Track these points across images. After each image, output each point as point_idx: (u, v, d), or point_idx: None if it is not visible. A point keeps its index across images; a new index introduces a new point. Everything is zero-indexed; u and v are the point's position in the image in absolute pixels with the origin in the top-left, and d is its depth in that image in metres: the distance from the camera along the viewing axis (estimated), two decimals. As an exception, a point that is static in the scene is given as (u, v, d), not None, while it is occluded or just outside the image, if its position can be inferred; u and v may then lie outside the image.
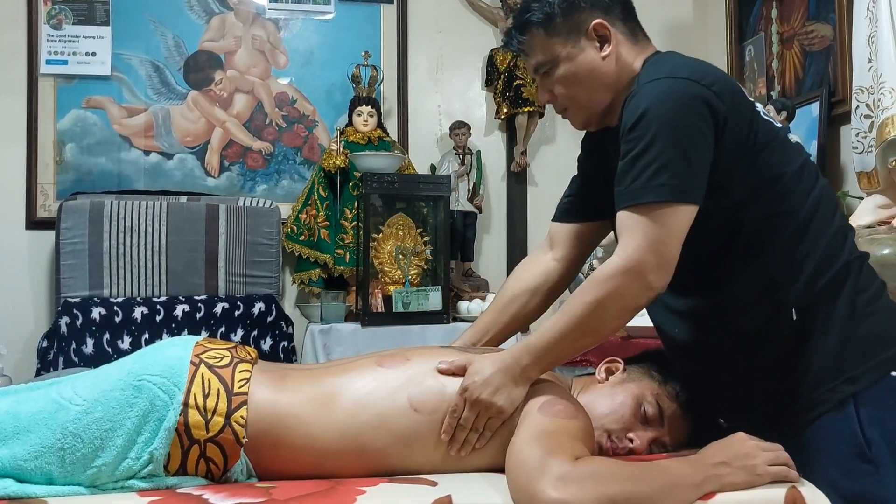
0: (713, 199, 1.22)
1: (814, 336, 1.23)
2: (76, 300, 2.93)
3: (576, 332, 1.23)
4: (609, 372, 1.46)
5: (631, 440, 1.33)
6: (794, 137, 1.40)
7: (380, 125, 3.47)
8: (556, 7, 1.33)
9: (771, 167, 1.25)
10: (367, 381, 1.29)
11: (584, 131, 1.49)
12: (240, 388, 1.24)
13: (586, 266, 3.35)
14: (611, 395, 1.38)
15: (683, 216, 1.18)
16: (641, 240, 1.17)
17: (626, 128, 1.22)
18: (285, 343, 3.16)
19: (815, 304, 1.24)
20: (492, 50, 3.69)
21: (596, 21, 1.33)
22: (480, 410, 1.23)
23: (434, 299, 3.09)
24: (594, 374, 1.48)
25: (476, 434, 1.23)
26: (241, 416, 1.21)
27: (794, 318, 1.22)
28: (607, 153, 1.41)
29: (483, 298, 3.23)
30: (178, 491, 1.17)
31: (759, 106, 1.32)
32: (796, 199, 1.26)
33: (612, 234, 3.36)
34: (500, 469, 1.22)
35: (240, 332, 3.06)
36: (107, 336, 2.89)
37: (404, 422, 1.23)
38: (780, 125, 1.35)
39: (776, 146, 1.27)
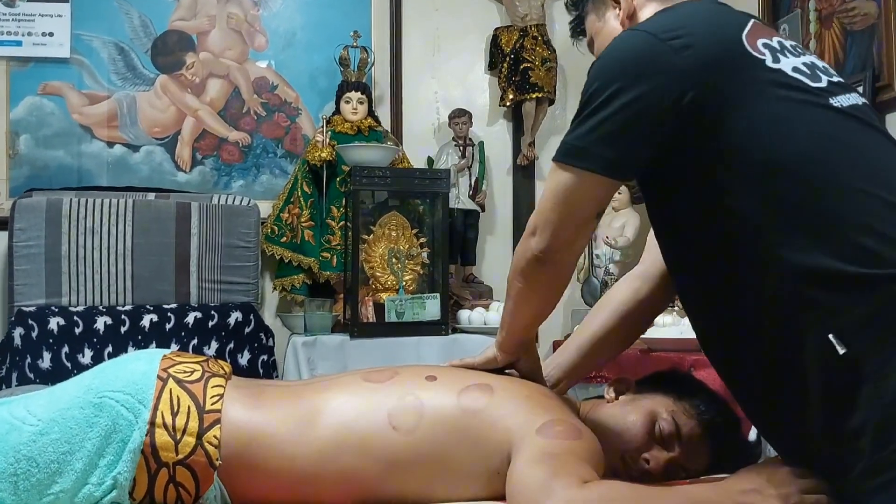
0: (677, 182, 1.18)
1: (870, 379, 1.04)
2: (31, 309, 2.94)
3: (507, 296, 1.37)
4: (618, 391, 1.47)
5: (646, 461, 1.34)
6: (850, 100, 1.19)
7: (370, 113, 3.47)
8: None
9: (770, 149, 1.12)
10: (350, 397, 1.31)
11: None
12: (212, 405, 1.24)
13: (601, 271, 3.36)
14: (621, 414, 1.39)
15: (570, 181, 1.19)
16: (540, 199, 1.26)
17: None
18: (265, 357, 3.16)
19: (871, 340, 1.04)
20: (495, 29, 3.70)
21: None
22: None
23: (431, 308, 3.09)
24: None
25: None
26: (214, 436, 1.22)
27: (841, 350, 1.04)
28: None
29: (486, 307, 3.24)
30: (145, 520, 1.18)
31: (788, 64, 1.18)
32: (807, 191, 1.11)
33: (627, 234, 3.31)
34: (498, 498, 1.22)
35: (214, 345, 3.06)
36: (66, 349, 2.89)
37: (384, 442, 1.25)
38: (822, 86, 1.18)
39: (796, 121, 1.13)
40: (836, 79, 1.21)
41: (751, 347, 1.14)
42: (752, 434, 1.51)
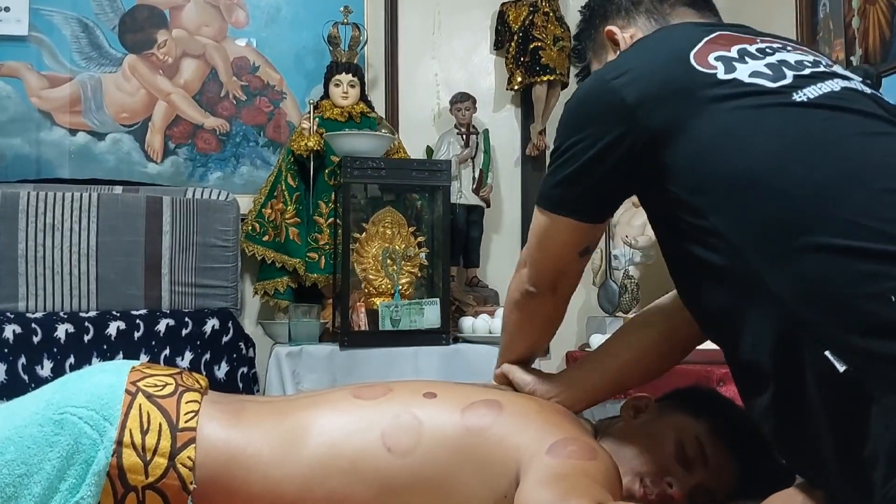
0: (661, 205, 1.26)
1: (875, 396, 1.01)
2: (-16, 316, 2.95)
3: (503, 328, 1.59)
4: (637, 409, 1.48)
5: (669, 484, 1.34)
6: (822, 89, 1.20)
7: (363, 98, 3.48)
8: (583, 38, 1.59)
9: (728, 164, 1.16)
10: (339, 415, 1.31)
11: None
12: (186, 422, 1.25)
13: (620, 274, 3.37)
14: (641, 433, 1.40)
15: (545, 224, 1.37)
16: (528, 235, 1.44)
17: None
18: (245, 369, 3.17)
19: (870, 350, 1.02)
20: (502, 4, 3.71)
21: (606, 30, 1.51)
22: None
23: (430, 315, 3.09)
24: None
25: None
26: (189, 457, 1.22)
27: (841, 368, 1.02)
28: None
29: (491, 314, 3.24)
30: (111, 551, 1.19)
31: (745, 70, 1.22)
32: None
33: (648, 232, 3.31)
34: None
35: (188, 356, 3.06)
36: (22, 360, 2.89)
37: (378, 465, 1.25)
38: (786, 83, 1.20)
39: (750, 128, 1.17)
40: (808, 70, 1.23)
41: (756, 375, 1.13)
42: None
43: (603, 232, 1.43)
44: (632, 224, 3.44)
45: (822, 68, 1.25)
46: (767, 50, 1.27)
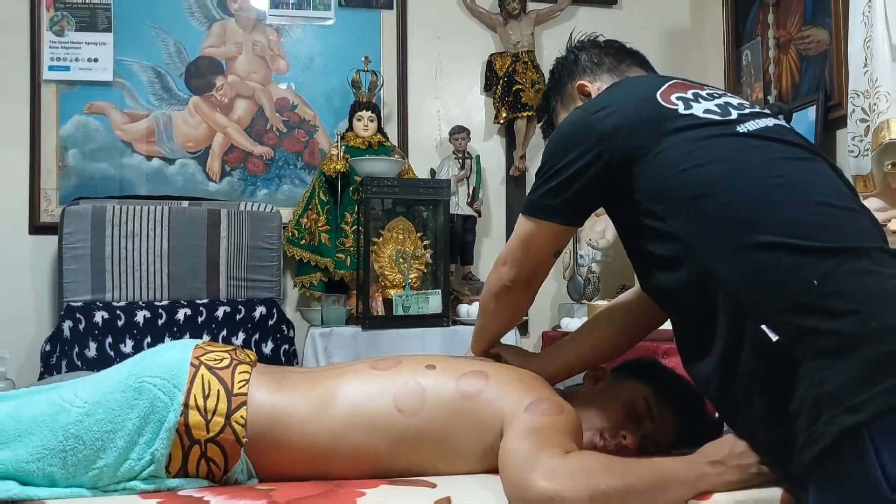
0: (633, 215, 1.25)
1: (802, 361, 1.03)
2: (79, 304, 2.95)
3: (480, 314, 1.55)
4: (596, 378, 1.50)
5: (624, 437, 1.35)
6: (759, 124, 1.25)
7: (380, 130, 3.48)
8: (553, 93, 1.57)
9: (687, 179, 1.17)
10: (359, 382, 1.32)
11: None
12: (239, 388, 1.25)
13: (585, 270, 3.36)
14: (600, 397, 1.41)
15: (531, 229, 1.35)
16: (510, 240, 1.42)
17: None
18: (286, 346, 3.17)
19: (795, 322, 1.05)
20: (490, 55, 3.71)
21: (578, 84, 1.50)
22: None
23: (434, 303, 3.10)
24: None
25: None
26: (241, 416, 1.23)
27: (774, 338, 1.05)
28: None
29: (483, 302, 3.24)
30: (180, 493, 1.18)
31: (700, 108, 1.24)
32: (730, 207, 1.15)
33: (607, 237, 3.30)
34: (493, 471, 1.23)
35: (241, 336, 3.07)
36: (109, 340, 2.90)
37: (391, 423, 1.26)
38: (731, 118, 1.24)
39: (705, 151, 1.19)
40: (748, 110, 1.27)
41: (706, 345, 1.16)
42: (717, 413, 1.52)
43: (572, 236, 1.40)
44: (594, 230, 3.44)
45: (757, 109, 1.29)
46: (714, 94, 1.30)
